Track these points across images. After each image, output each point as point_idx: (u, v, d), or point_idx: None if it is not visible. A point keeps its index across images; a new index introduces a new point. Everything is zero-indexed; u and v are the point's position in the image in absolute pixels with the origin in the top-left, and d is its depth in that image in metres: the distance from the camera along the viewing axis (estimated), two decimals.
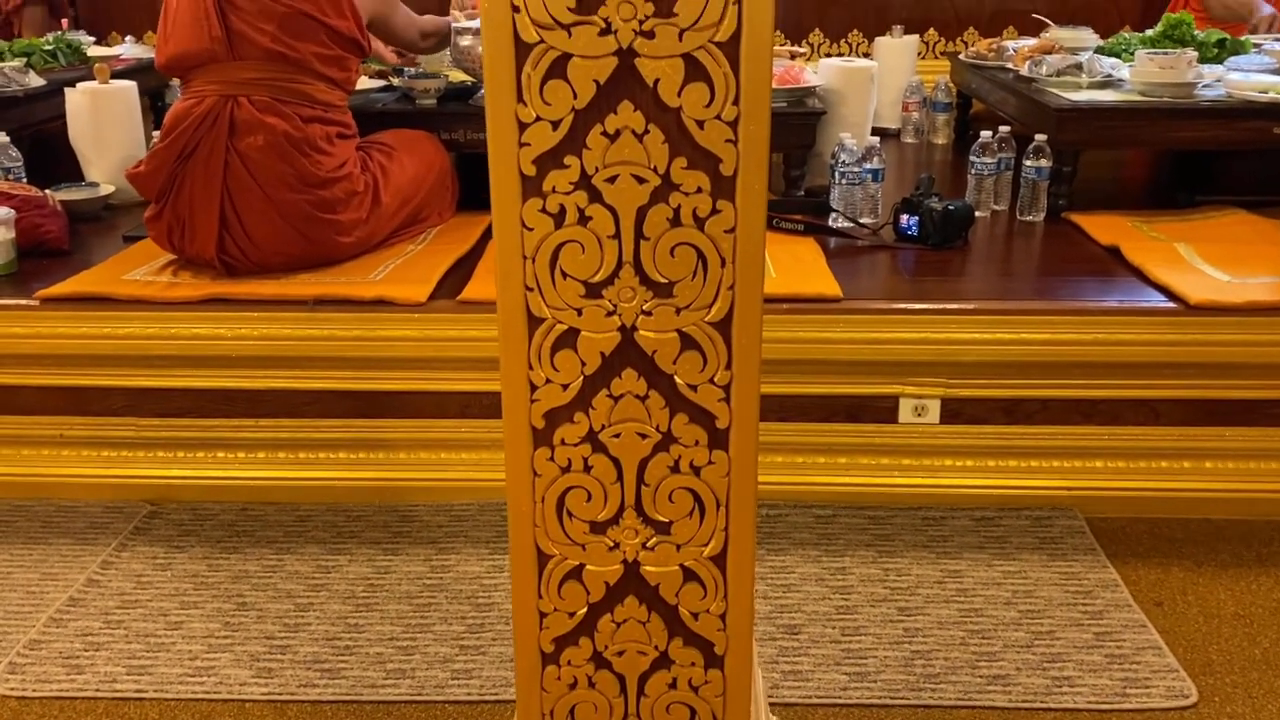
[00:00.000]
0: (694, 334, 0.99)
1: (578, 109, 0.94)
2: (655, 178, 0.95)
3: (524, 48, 0.92)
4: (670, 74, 0.92)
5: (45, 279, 2.32)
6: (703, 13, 0.90)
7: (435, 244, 2.52)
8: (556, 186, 0.96)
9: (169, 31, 2.29)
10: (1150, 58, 2.59)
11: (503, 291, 0.99)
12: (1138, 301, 2.14)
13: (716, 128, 0.94)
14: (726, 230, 0.96)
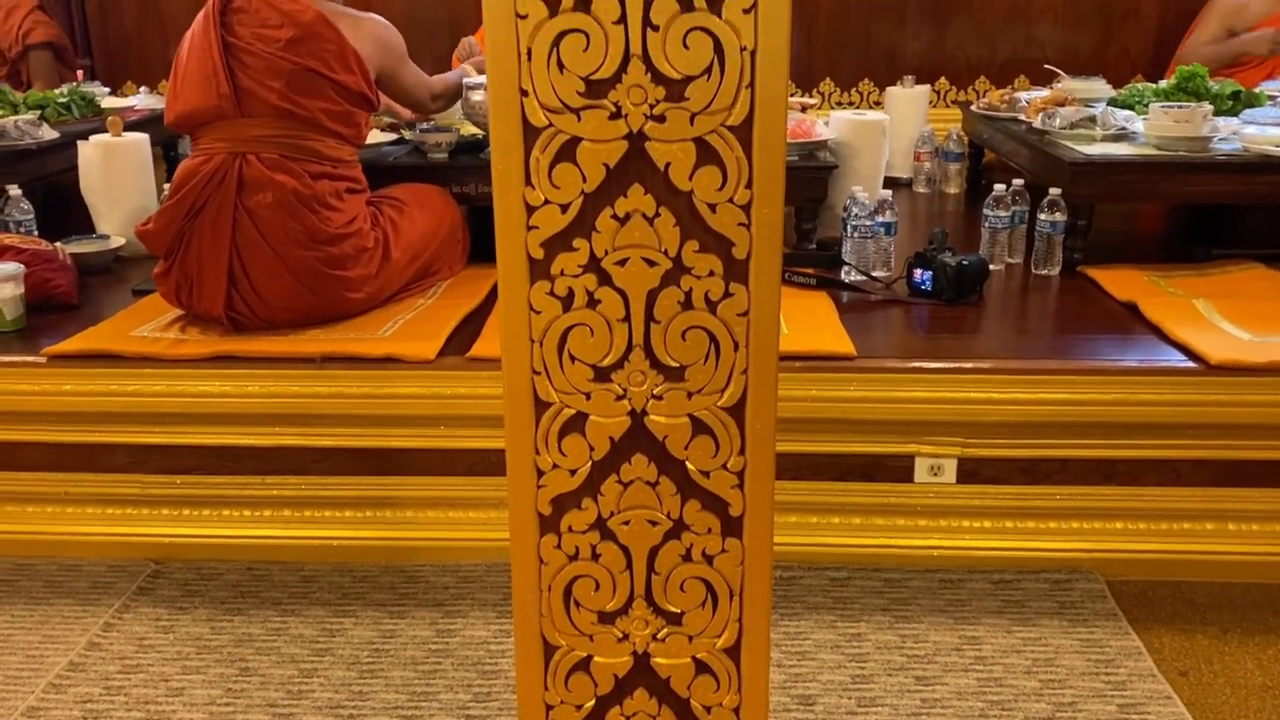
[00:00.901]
0: (706, 419, 0.96)
1: (587, 192, 0.92)
2: (666, 261, 0.93)
3: (532, 131, 0.91)
4: (682, 158, 0.90)
5: (53, 334, 2.31)
6: (714, 97, 0.88)
7: (445, 298, 2.50)
8: (565, 269, 0.93)
9: (178, 89, 2.29)
10: (1165, 111, 2.58)
11: (509, 375, 0.96)
12: (1157, 360, 2.10)
13: (729, 211, 0.92)
14: (739, 313, 0.94)
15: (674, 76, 0.88)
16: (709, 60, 0.88)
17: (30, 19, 3.79)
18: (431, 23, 4.11)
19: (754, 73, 0.88)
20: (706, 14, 0.87)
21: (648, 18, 0.87)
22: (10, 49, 3.80)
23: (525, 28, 0.87)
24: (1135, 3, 3.92)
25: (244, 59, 2.24)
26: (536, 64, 0.88)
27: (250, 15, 2.27)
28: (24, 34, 3.78)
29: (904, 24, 4.00)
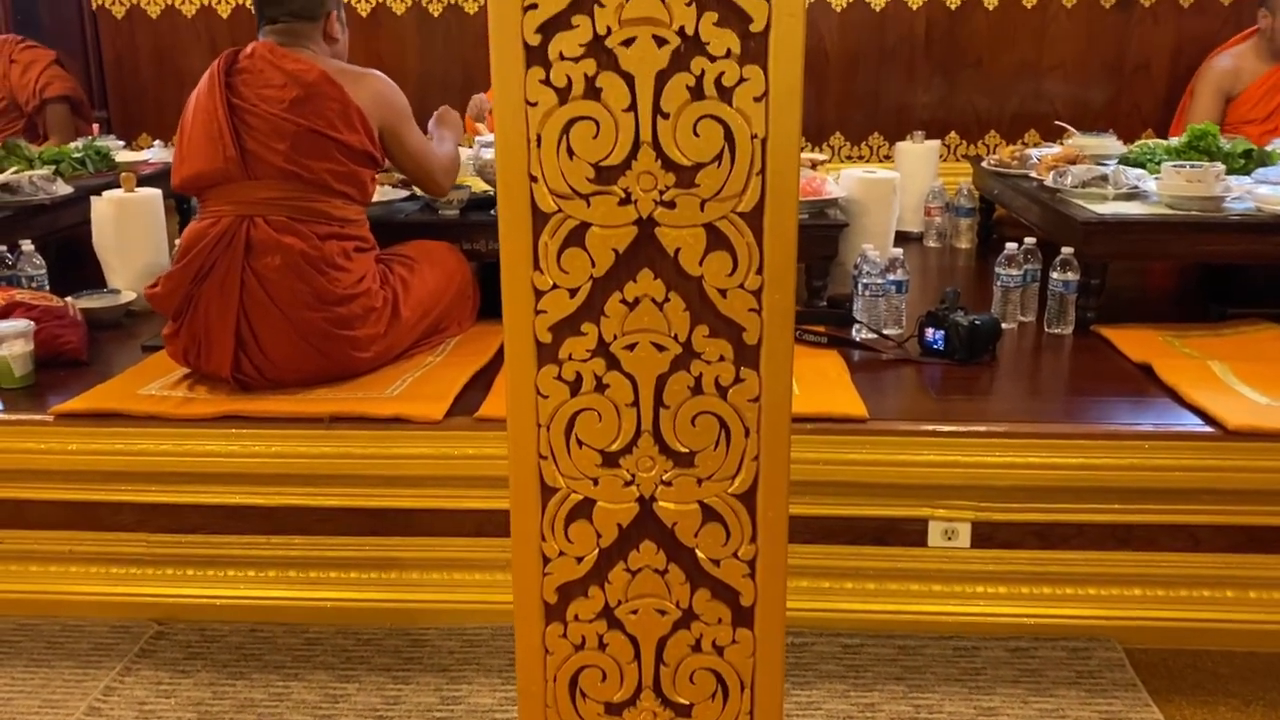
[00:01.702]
0: (716, 506, 0.94)
1: (596, 277, 0.91)
2: (676, 346, 0.92)
3: (541, 217, 0.90)
4: (692, 243, 0.89)
5: (62, 392, 2.30)
6: (725, 184, 0.88)
7: (454, 355, 2.49)
8: (573, 354, 0.92)
9: (184, 152, 2.30)
10: (1177, 170, 2.57)
11: (515, 459, 0.95)
12: (1172, 425, 2.08)
13: (740, 296, 0.90)
14: (751, 399, 0.92)
15: (684, 163, 0.88)
16: (720, 147, 0.87)
17: (48, 73, 3.83)
18: (445, 81, 4.15)
19: (765, 160, 0.87)
20: (717, 102, 0.86)
21: (658, 106, 0.86)
22: (28, 103, 3.84)
23: (535, 115, 0.87)
24: (1145, 58, 3.94)
25: (249, 121, 2.25)
26: (546, 150, 0.88)
27: (254, 76, 2.28)
28: (41, 88, 3.82)
29: (914, 79, 4.02)
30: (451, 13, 4.09)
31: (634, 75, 0.85)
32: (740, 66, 0.84)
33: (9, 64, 3.83)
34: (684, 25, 0.84)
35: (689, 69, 0.85)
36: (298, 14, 2.36)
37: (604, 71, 0.85)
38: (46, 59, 3.86)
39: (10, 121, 3.87)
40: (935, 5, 3.95)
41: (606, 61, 0.85)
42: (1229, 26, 3.86)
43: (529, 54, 0.85)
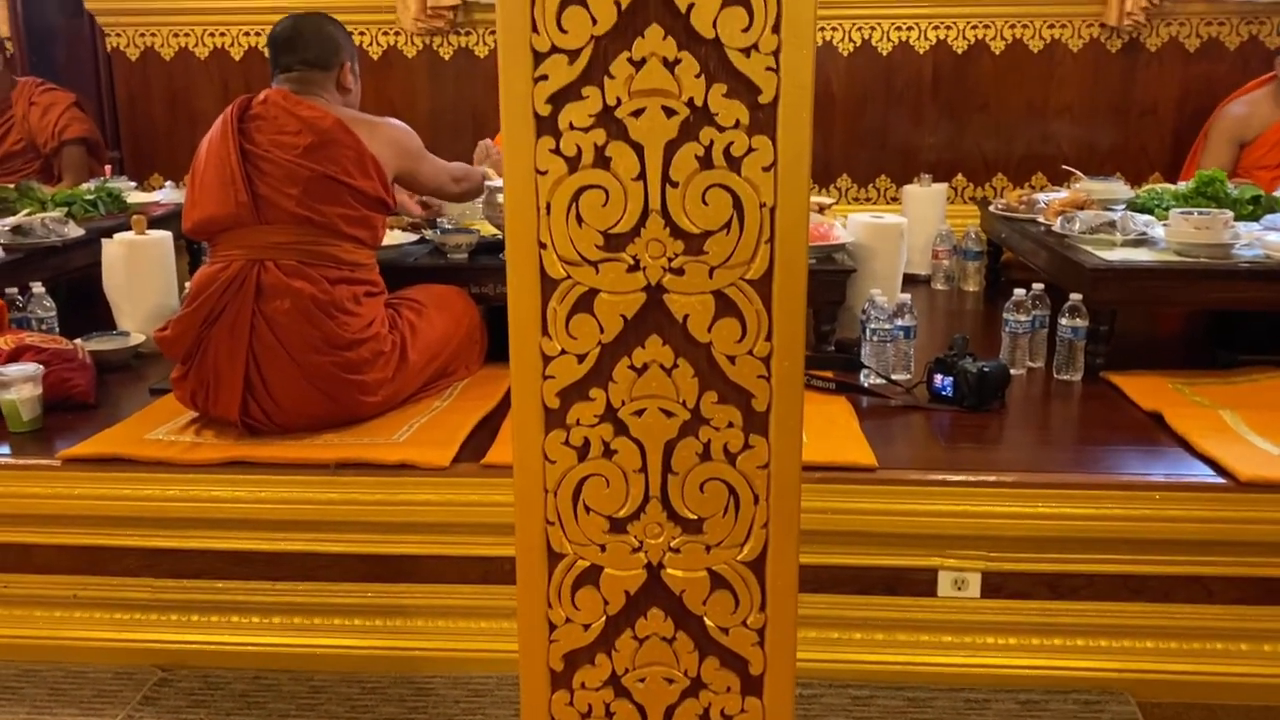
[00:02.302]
0: (725, 573, 0.93)
1: (604, 342, 0.91)
2: (684, 412, 0.91)
3: (550, 282, 0.90)
4: (700, 310, 0.89)
5: (69, 435, 2.30)
6: (734, 251, 0.88)
7: (461, 399, 2.49)
8: (581, 419, 0.92)
9: (196, 196, 2.31)
10: (1185, 217, 2.57)
11: (521, 524, 0.94)
12: (1184, 475, 2.06)
13: (749, 363, 0.90)
14: (760, 466, 0.92)
15: (693, 231, 0.88)
16: (728, 216, 0.87)
17: (67, 115, 3.88)
18: (455, 123, 4.18)
19: (774, 228, 0.87)
20: (726, 172, 0.86)
21: (667, 175, 0.86)
22: (46, 144, 3.87)
23: (545, 183, 0.87)
24: (1152, 102, 3.95)
25: (262, 166, 2.27)
26: (555, 218, 0.88)
27: (268, 122, 2.30)
28: (60, 130, 3.85)
29: (921, 121, 4.04)
30: (462, 55, 4.13)
31: (643, 145, 0.85)
32: (749, 137, 0.85)
33: (29, 106, 3.88)
34: (693, 96, 0.84)
35: (698, 139, 0.85)
36: (312, 63, 2.39)
37: (613, 141, 0.85)
38: (66, 101, 3.90)
39: (27, 162, 3.90)
40: (942, 49, 3.97)
41: (616, 131, 0.85)
42: (1236, 71, 3.87)
43: (539, 124, 0.85)
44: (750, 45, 0.82)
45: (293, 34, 2.40)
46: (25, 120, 3.87)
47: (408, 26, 3.99)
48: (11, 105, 3.88)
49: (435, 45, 4.12)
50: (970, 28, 3.94)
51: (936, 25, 3.95)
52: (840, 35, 3.98)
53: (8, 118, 3.89)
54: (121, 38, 4.20)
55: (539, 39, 0.83)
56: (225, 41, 4.19)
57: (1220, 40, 3.90)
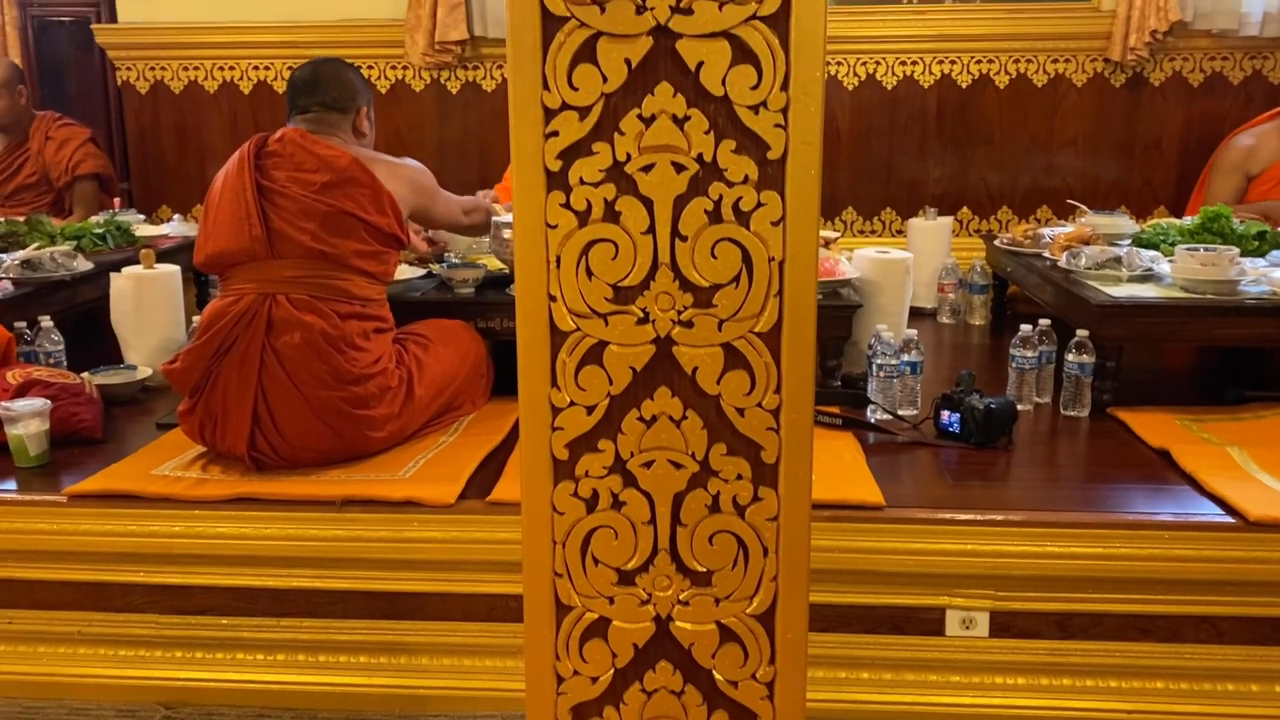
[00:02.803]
0: (734, 626, 0.93)
1: (613, 394, 0.91)
2: (693, 464, 0.91)
3: (559, 335, 0.90)
4: (709, 362, 0.89)
5: (76, 471, 2.30)
6: (743, 304, 0.88)
7: (467, 434, 2.49)
8: (590, 471, 0.92)
9: (210, 230, 2.33)
10: (1191, 254, 2.57)
11: (529, 576, 0.94)
12: (1192, 515, 2.05)
13: (758, 415, 0.90)
14: (769, 518, 0.92)
15: (702, 284, 0.88)
16: (737, 269, 0.87)
17: (82, 150, 3.91)
18: (462, 155, 4.21)
19: (783, 282, 0.87)
20: (735, 226, 0.87)
21: (676, 229, 0.87)
22: (59, 179, 3.90)
23: (555, 237, 0.88)
24: (1156, 136, 3.97)
25: (278, 201, 2.28)
26: (565, 271, 0.88)
27: (286, 159, 2.32)
28: (74, 165, 3.88)
29: (926, 155, 4.06)
30: (469, 89, 4.16)
31: (653, 199, 0.86)
32: (758, 192, 0.85)
33: (45, 140, 3.92)
34: (702, 152, 0.85)
35: (707, 194, 0.86)
36: (330, 105, 2.42)
37: (623, 196, 0.86)
38: (81, 137, 3.94)
39: (40, 195, 3.93)
40: (946, 83, 4.00)
41: (626, 186, 0.86)
42: (1239, 105, 3.89)
43: (550, 178, 0.86)
44: (759, 103, 0.83)
45: (312, 78, 2.44)
46: (41, 154, 3.90)
47: (416, 61, 4.02)
48: (29, 139, 3.92)
49: (443, 79, 4.15)
50: (974, 62, 3.97)
51: (941, 59, 3.98)
52: (845, 69, 4.01)
53: (24, 150, 3.92)
54: (132, 71, 4.24)
55: (550, 96, 0.84)
56: (234, 75, 4.22)
57: (1224, 75, 3.92)
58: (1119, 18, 3.78)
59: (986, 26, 3.90)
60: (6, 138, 3.92)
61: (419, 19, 3.94)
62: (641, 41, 0.82)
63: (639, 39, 0.82)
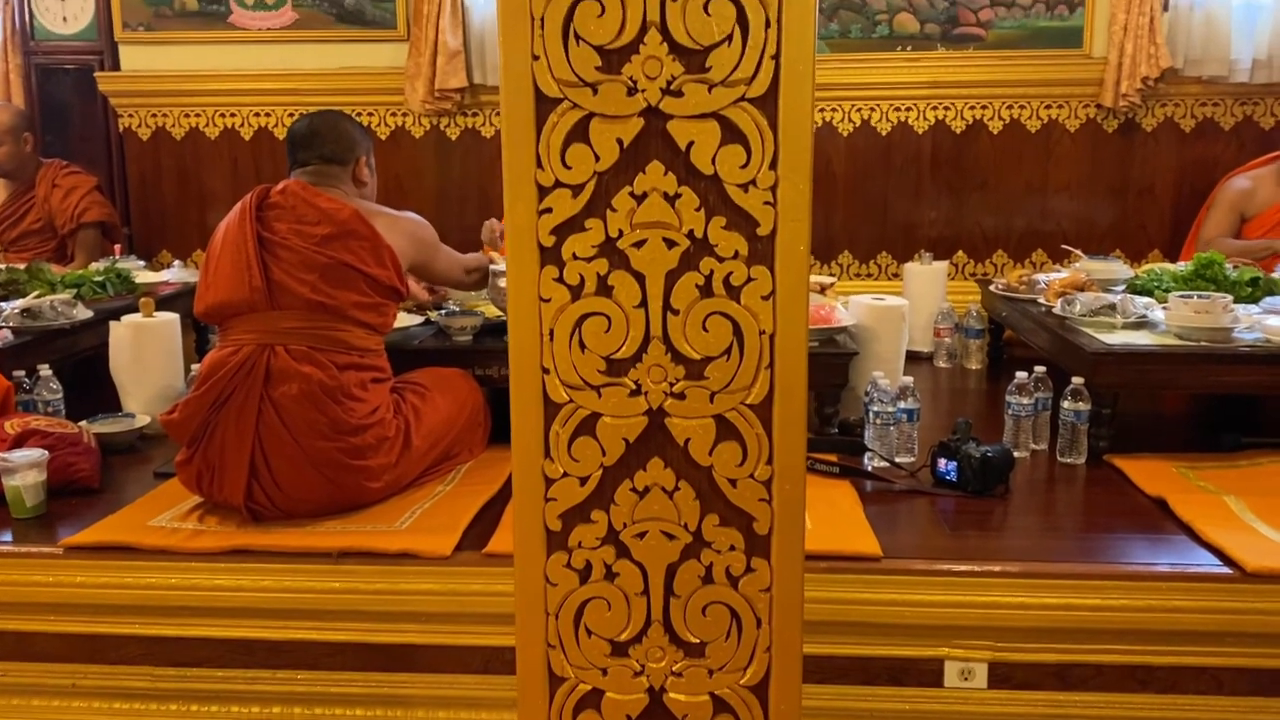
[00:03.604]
0: (728, 698, 0.93)
1: (606, 466, 0.91)
2: (686, 534, 0.92)
3: (553, 407, 0.91)
4: (701, 434, 0.90)
5: (72, 522, 2.30)
6: (734, 376, 0.89)
7: (464, 484, 2.49)
8: (583, 541, 0.92)
9: (210, 280, 2.34)
10: (1185, 301, 2.59)
11: (522, 648, 0.94)
12: (1190, 565, 2.05)
13: (750, 486, 0.91)
14: (762, 589, 0.92)
15: (694, 357, 0.89)
16: (729, 342, 0.88)
17: (88, 199, 3.94)
18: (462, 200, 4.24)
19: (773, 354, 0.88)
20: (726, 300, 0.88)
21: (668, 303, 0.88)
22: (64, 226, 3.93)
23: (548, 310, 0.89)
24: (1149, 180, 4.00)
25: (279, 253, 2.30)
26: (559, 344, 0.89)
27: (287, 211, 2.34)
28: (79, 213, 3.91)
29: (920, 199, 4.09)
30: (469, 135, 4.20)
31: (645, 274, 0.87)
32: (748, 267, 0.86)
33: (51, 188, 3.95)
34: (693, 229, 0.86)
35: (698, 269, 0.87)
36: (329, 158, 2.45)
37: (616, 270, 0.87)
38: (88, 185, 3.97)
39: (44, 241, 3.96)
40: (941, 129, 4.04)
41: (618, 261, 0.87)
42: (1231, 150, 3.93)
43: (543, 254, 0.87)
44: (749, 181, 0.84)
45: (310, 132, 2.47)
46: (46, 201, 3.93)
47: (415, 108, 4.06)
48: (35, 185, 3.95)
49: (442, 125, 4.19)
50: (968, 108, 4.01)
51: (935, 105, 4.02)
52: (840, 116, 4.05)
53: (29, 197, 3.95)
54: (134, 118, 4.28)
55: (543, 174, 0.85)
56: (235, 122, 4.27)
57: (1215, 120, 3.96)
58: (1110, 65, 3.82)
59: (979, 73, 3.95)
60: (12, 184, 3.95)
61: (419, 67, 3.98)
62: (633, 122, 0.84)
63: (630, 119, 0.84)
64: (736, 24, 0.81)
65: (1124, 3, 3.76)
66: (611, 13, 0.80)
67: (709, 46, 0.82)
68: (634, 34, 0.81)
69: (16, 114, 3.92)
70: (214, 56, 4.19)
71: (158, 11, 4.14)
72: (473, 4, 4.01)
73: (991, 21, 3.90)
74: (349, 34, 4.09)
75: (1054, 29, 3.89)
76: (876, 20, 3.94)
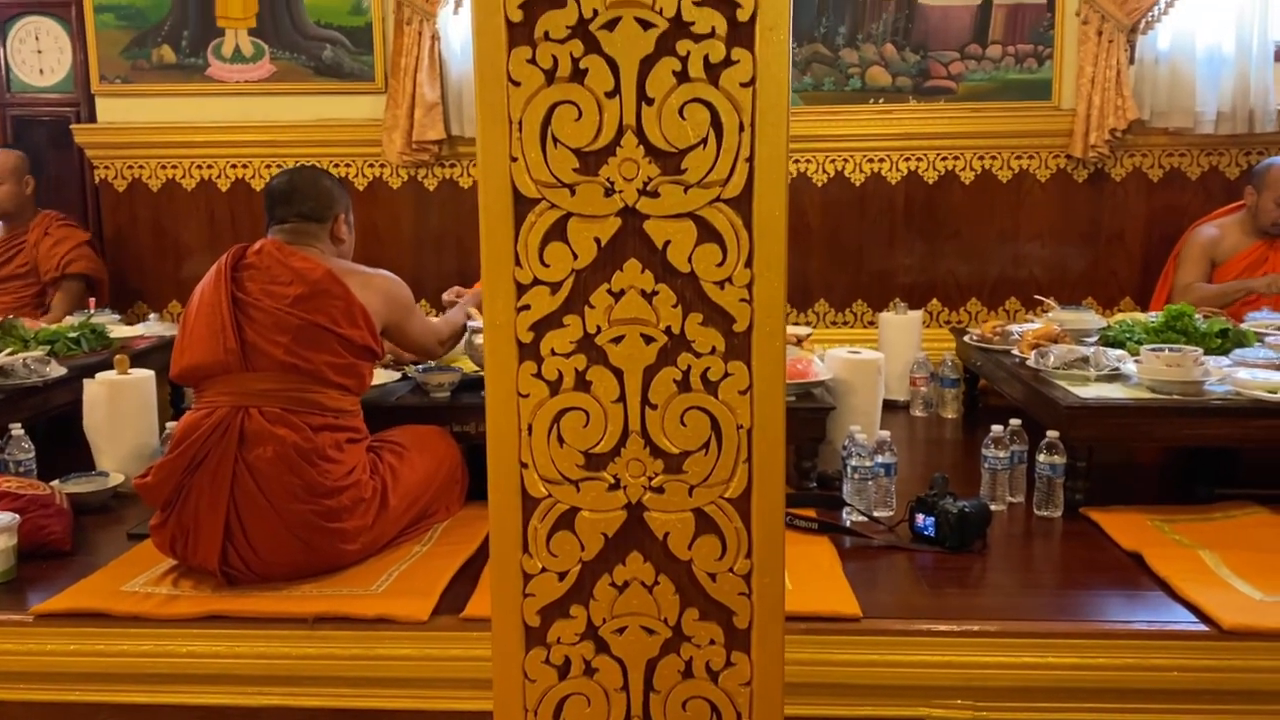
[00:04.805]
0: None
1: (585, 560, 0.91)
2: (666, 629, 0.92)
3: (531, 501, 0.91)
4: (680, 527, 0.90)
5: (43, 587, 2.27)
6: (712, 471, 0.89)
7: (441, 543, 2.47)
8: (562, 638, 0.92)
9: (185, 343, 2.33)
10: (1156, 355, 2.62)
11: None
12: (1166, 624, 2.06)
13: (729, 580, 0.91)
14: (743, 683, 0.92)
15: (672, 451, 0.89)
16: (706, 437, 0.89)
17: (76, 251, 3.92)
18: (440, 250, 4.24)
19: (751, 448, 0.89)
20: (703, 394, 0.88)
21: (646, 398, 0.88)
22: (48, 273, 3.91)
23: (526, 406, 0.89)
24: (1119, 228, 4.06)
25: (252, 314, 2.29)
26: (537, 439, 0.90)
27: (261, 271, 2.34)
28: (65, 263, 3.89)
29: (894, 248, 4.13)
30: (446, 186, 4.21)
31: (623, 370, 0.88)
32: (725, 362, 0.87)
33: (43, 235, 3.95)
34: (671, 325, 0.87)
35: (676, 364, 0.87)
36: (307, 215, 2.45)
37: (594, 365, 0.87)
38: (79, 239, 3.97)
39: (27, 285, 3.95)
40: (913, 179, 4.09)
41: (596, 357, 0.88)
42: (1198, 199, 3.99)
43: (521, 350, 0.87)
44: (725, 278, 0.85)
45: (289, 188, 2.46)
46: (36, 247, 3.93)
47: (393, 159, 4.08)
48: (28, 230, 3.95)
49: (420, 176, 4.20)
50: (940, 159, 4.06)
51: (907, 156, 4.07)
52: (815, 167, 4.09)
53: (20, 241, 3.95)
54: (110, 170, 4.27)
55: (522, 272, 0.86)
56: (212, 173, 4.26)
57: (1182, 170, 4.03)
58: (1079, 116, 3.89)
59: (951, 125, 4.01)
60: (7, 227, 3.96)
61: (396, 119, 4.00)
62: (611, 221, 0.85)
63: (608, 219, 0.85)
64: (711, 128, 0.83)
65: (1091, 56, 3.83)
66: (589, 117, 0.81)
67: (684, 149, 0.83)
68: (611, 137, 0.82)
69: (19, 157, 3.95)
70: (191, 109, 4.19)
71: (135, 64, 4.14)
72: (450, 57, 4.03)
73: (962, 74, 3.97)
74: (327, 86, 4.11)
75: (1023, 81, 3.96)
76: (849, 74, 4.00)
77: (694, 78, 0.82)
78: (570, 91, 0.82)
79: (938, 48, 3.96)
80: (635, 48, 0.81)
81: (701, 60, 0.82)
